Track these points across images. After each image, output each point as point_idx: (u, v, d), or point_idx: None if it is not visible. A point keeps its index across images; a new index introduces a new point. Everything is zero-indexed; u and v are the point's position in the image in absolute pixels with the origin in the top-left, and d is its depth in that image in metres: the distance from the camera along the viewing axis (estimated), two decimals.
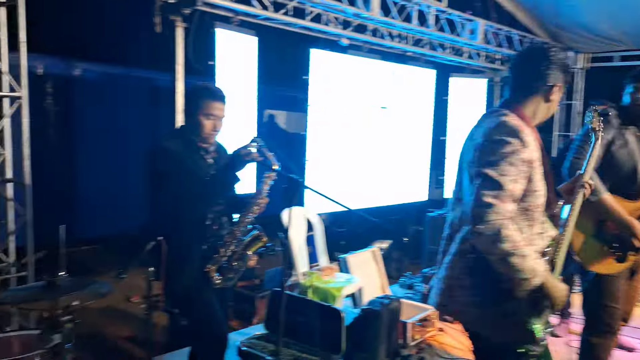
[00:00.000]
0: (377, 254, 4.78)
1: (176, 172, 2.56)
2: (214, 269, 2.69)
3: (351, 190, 5.71)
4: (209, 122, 2.64)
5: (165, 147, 2.65)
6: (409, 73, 6.34)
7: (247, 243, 2.79)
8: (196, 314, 2.68)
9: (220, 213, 2.79)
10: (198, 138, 2.69)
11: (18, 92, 3.70)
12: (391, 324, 3.64)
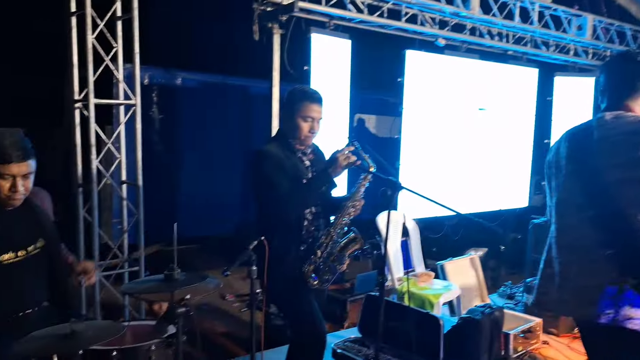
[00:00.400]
0: (476, 261, 4.63)
1: (275, 175, 2.60)
2: (311, 269, 2.72)
3: (446, 196, 5.55)
4: (306, 124, 2.67)
5: (265, 151, 2.70)
6: (510, 73, 6.08)
7: (343, 245, 2.80)
8: (296, 313, 2.71)
9: (318, 215, 2.81)
10: (295, 140, 2.72)
11: (132, 100, 3.96)
12: (492, 334, 3.51)
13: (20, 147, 2.11)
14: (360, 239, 2.80)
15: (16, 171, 2.10)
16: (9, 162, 2.08)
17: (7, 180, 2.12)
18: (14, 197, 2.15)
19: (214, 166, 6.60)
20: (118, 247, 4.10)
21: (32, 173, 2.18)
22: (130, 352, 2.07)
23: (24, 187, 2.16)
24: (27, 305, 2.26)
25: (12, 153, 2.08)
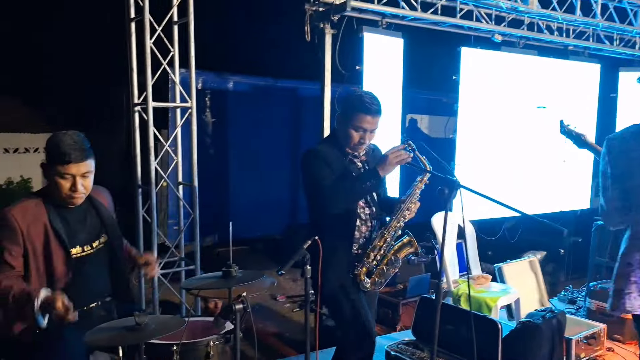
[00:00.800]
0: (536, 264, 4.48)
1: (321, 170, 2.61)
2: (363, 272, 2.70)
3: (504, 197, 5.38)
4: (356, 134, 2.64)
5: (314, 149, 2.71)
6: (570, 69, 5.86)
7: (397, 249, 2.75)
8: (346, 314, 2.68)
9: (372, 216, 2.79)
10: (346, 145, 2.72)
11: (188, 103, 4.06)
12: (554, 339, 3.39)
13: (79, 147, 2.18)
14: (414, 243, 2.76)
15: (75, 171, 2.18)
16: (69, 162, 2.16)
17: (68, 180, 2.19)
18: (74, 197, 2.23)
19: (264, 168, 6.67)
20: (175, 247, 4.21)
21: (91, 172, 2.26)
22: (190, 347, 2.11)
23: (84, 186, 2.23)
24: (92, 299, 2.34)
25: (71, 153, 2.15)
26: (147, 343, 1.95)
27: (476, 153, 5.29)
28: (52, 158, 2.19)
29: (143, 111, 3.88)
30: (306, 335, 2.51)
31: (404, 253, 2.76)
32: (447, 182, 2.38)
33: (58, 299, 1.98)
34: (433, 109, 7.79)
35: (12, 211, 2.16)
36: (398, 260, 2.73)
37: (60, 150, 2.16)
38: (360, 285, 2.68)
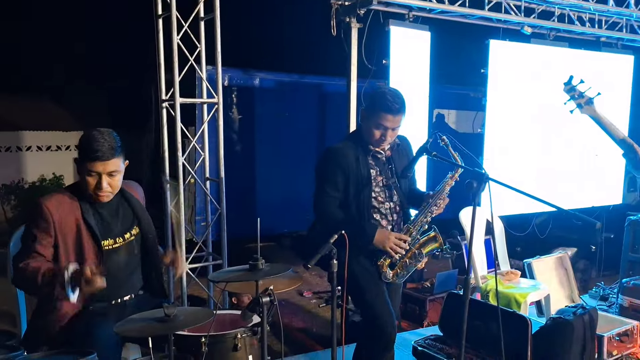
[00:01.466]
0: (566, 259, 4.40)
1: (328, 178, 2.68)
2: (387, 263, 2.69)
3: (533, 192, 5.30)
4: (377, 131, 2.66)
5: (333, 150, 2.74)
6: (602, 61, 5.71)
7: (422, 243, 2.74)
8: (367, 304, 2.71)
9: (392, 211, 2.78)
10: (368, 142, 2.73)
11: (215, 99, 4.09)
12: (585, 336, 3.33)
13: (109, 146, 2.19)
14: (439, 238, 2.75)
15: (101, 169, 2.20)
16: (95, 159, 2.17)
17: (94, 177, 2.22)
18: (99, 194, 2.24)
19: (290, 165, 6.69)
20: (202, 242, 4.26)
21: (119, 172, 2.26)
22: (218, 339, 2.14)
23: (110, 185, 2.24)
24: (125, 292, 2.38)
25: (98, 151, 2.17)
26: (176, 335, 1.97)
27: (505, 148, 5.21)
28: (82, 154, 2.22)
29: (170, 107, 3.93)
30: (332, 330, 2.51)
31: (429, 248, 2.76)
32: (476, 175, 2.35)
33: (86, 267, 1.99)
34: (461, 104, 7.71)
35: (46, 202, 2.20)
36: (422, 255, 2.72)
37: (89, 146, 2.18)
38: (382, 276, 2.71)
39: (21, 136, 8.43)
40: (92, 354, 1.84)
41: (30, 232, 2.19)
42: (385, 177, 2.75)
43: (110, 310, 2.29)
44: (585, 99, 3.13)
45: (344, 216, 2.67)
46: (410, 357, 3.73)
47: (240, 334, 2.16)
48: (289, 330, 4.51)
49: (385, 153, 2.78)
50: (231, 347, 2.15)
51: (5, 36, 7.89)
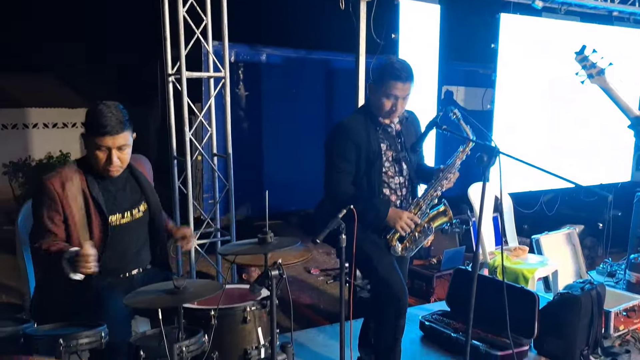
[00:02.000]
0: (574, 236, 4.39)
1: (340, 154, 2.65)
2: (396, 237, 2.69)
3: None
4: (388, 101, 2.63)
5: (344, 125, 2.71)
6: (614, 36, 5.61)
7: (432, 217, 2.74)
8: (377, 276, 2.70)
9: (401, 185, 2.76)
10: (378, 114, 2.70)
11: (222, 72, 4.06)
12: (593, 311, 3.34)
13: (117, 119, 2.16)
14: (449, 212, 2.74)
15: (111, 143, 2.17)
16: (104, 134, 2.15)
17: (103, 152, 2.20)
18: (110, 169, 2.23)
19: (298, 142, 6.65)
20: (210, 218, 4.27)
21: (128, 146, 2.24)
22: (228, 312, 2.14)
23: (120, 159, 2.23)
24: (134, 266, 2.38)
25: (107, 125, 2.14)
26: (186, 308, 1.98)
27: (514, 125, 5.16)
28: (89, 129, 2.20)
29: (177, 82, 3.90)
30: (340, 304, 2.52)
31: (438, 222, 2.75)
32: (486, 148, 2.33)
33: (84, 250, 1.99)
34: (470, 80, 7.62)
35: (50, 180, 2.20)
36: (431, 229, 2.72)
37: (97, 121, 2.16)
38: (392, 250, 2.71)
39: (27, 113, 8.43)
40: (102, 326, 1.86)
41: (39, 212, 2.19)
42: (394, 151, 2.73)
43: (119, 284, 2.30)
44: (597, 69, 3.09)
45: (355, 193, 2.65)
46: (417, 331, 3.76)
47: (249, 307, 2.17)
48: (297, 306, 4.55)
49: (395, 127, 2.76)
50: (240, 319, 2.16)
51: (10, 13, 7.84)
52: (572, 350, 3.30)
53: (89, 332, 1.78)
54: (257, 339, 2.19)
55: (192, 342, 1.82)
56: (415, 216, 2.65)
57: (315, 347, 3.56)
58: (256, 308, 2.20)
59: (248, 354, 2.16)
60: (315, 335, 3.76)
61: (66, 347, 1.71)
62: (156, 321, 2.32)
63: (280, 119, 6.50)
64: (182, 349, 1.77)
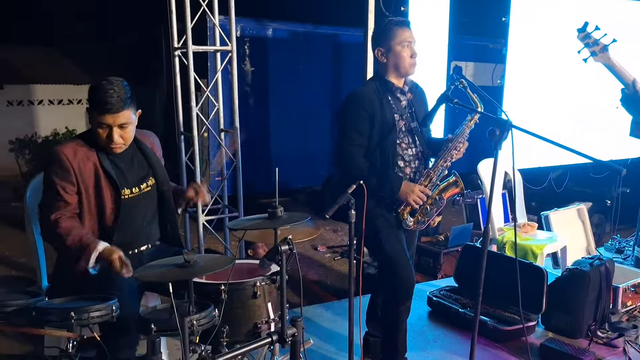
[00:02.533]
0: (583, 212, 4.37)
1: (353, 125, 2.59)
2: (407, 210, 2.67)
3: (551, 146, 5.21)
4: (406, 50, 2.61)
5: (356, 94, 2.66)
6: (631, 8, 5.48)
7: (443, 188, 2.71)
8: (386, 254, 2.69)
9: (415, 157, 2.72)
10: (402, 72, 2.65)
11: (228, 46, 4.01)
12: (601, 287, 3.33)
13: (118, 97, 2.12)
14: (460, 183, 2.71)
15: (111, 121, 2.14)
16: (104, 112, 2.12)
17: (104, 129, 2.17)
18: (111, 146, 2.20)
19: (305, 118, 6.61)
20: (218, 195, 4.26)
21: (131, 124, 2.20)
22: (238, 286, 2.15)
23: (122, 137, 2.19)
24: (143, 242, 2.38)
25: (107, 103, 2.11)
26: (196, 283, 1.99)
27: (525, 100, 5.09)
28: (91, 105, 2.17)
29: (183, 56, 3.86)
30: (349, 279, 2.53)
31: (450, 193, 2.72)
32: (498, 122, 2.29)
33: (115, 256, 2.02)
34: (479, 56, 7.51)
35: (63, 149, 2.17)
36: (442, 200, 2.69)
37: (98, 98, 2.13)
38: (403, 223, 2.68)
39: (32, 90, 8.39)
40: (112, 300, 1.86)
41: (51, 182, 2.17)
42: (407, 121, 2.69)
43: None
44: (600, 47, 3.01)
45: (369, 166, 2.61)
46: (425, 307, 3.78)
47: (259, 282, 2.17)
48: (304, 283, 4.54)
49: (406, 95, 2.72)
50: (250, 294, 2.17)
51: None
52: (580, 325, 3.31)
53: (100, 306, 1.78)
54: (267, 313, 2.20)
55: (203, 315, 1.83)
56: (426, 189, 2.62)
57: (323, 323, 3.59)
58: (266, 283, 2.20)
59: (258, 328, 2.17)
60: (323, 311, 3.78)
61: (78, 319, 1.72)
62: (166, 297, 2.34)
63: (287, 94, 6.45)
64: (193, 322, 1.78)
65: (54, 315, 1.75)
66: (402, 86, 2.71)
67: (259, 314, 2.19)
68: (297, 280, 2.03)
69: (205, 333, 2.00)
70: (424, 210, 2.66)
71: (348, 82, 6.32)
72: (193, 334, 1.81)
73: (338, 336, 3.36)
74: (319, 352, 3.15)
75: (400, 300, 2.71)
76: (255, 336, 2.15)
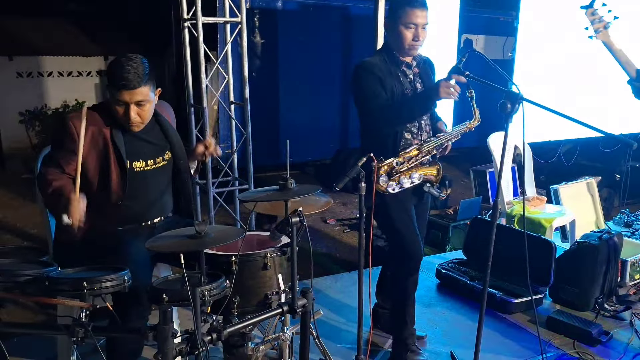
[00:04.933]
0: (593, 186, 4.35)
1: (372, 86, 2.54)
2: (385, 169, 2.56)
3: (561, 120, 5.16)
4: (409, 31, 2.54)
5: (365, 63, 2.62)
6: None
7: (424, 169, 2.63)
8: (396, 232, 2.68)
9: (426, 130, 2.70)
10: (400, 52, 2.61)
11: (238, 18, 3.97)
12: (609, 260, 3.34)
13: (135, 73, 2.09)
14: (439, 176, 2.66)
15: (128, 98, 2.11)
16: (120, 88, 2.09)
17: (121, 106, 2.14)
18: (129, 124, 2.18)
19: (314, 92, 6.57)
20: (228, 167, 4.27)
21: (148, 101, 2.17)
22: (249, 258, 2.17)
23: (139, 115, 2.17)
24: (156, 214, 2.39)
25: (122, 80, 2.08)
26: (206, 254, 2.00)
27: (536, 74, 5.02)
28: (109, 81, 2.15)
29: (193, 27, 3.83)
30: (359, 251, 2.55)
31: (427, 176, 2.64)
32: (510, 95, 2.27)
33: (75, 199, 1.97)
34: (490, 29, 7.40)
35: (73, 119, 2.16)
36: (421, 177, 2.61)
37: (115, 74, 2.10)
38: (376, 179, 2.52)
39: (42, 61, 8.37)
40: (124, 270, 1.89)
41: (55, 147, 2.19)
42: (410, 94, 2.66)
43: (140, 232, 2.32)
44: (603, 24, 2.95)
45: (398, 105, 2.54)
46: (433, 279, 3.81)
47: (269, 254, 2.19)
48: (313, 255, 4.61)
49: (413, 69, 2.69)
50: (261, 265, 2.19)
51: None
52: (587, 298, 3.33)
53: (112, 276, 1.80)
54: (278, 284, 2.22)
55: (214, 286, 1.84)
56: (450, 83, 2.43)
57: (333, 294, 3.63)
58: (276, 255, 2.21)
59: (268, 298, 2.19)
60: (332, 282, 3.82)
61: (90, 289, 1.73)
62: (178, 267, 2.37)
63: (296, 67, 6.40)
64: (205, 293, 1.80)
65: (67, 285, 1.76)
66: (410, 61, 2.68)
67: (270, 285, 2.21)
68: (306, 252, 2.04)
69: (217, 304, 2.02)
70: (399, 177, 2.57)
71: (358, 55, 6.23)
72: (205, 305, 1.83)
73: (347, 308, 3.40)
74: (328, 323, 3.20)
75: (408, 273, 2.72)
76: (265, 307, 2.17)
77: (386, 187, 2.55)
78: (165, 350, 1.68)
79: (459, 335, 3.11)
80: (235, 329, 1.93)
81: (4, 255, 1.98)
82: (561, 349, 2.95)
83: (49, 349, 2.71)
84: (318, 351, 2.45)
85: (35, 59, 8.31)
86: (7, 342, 1.84)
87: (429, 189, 2.68)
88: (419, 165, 2.60)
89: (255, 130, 4.41)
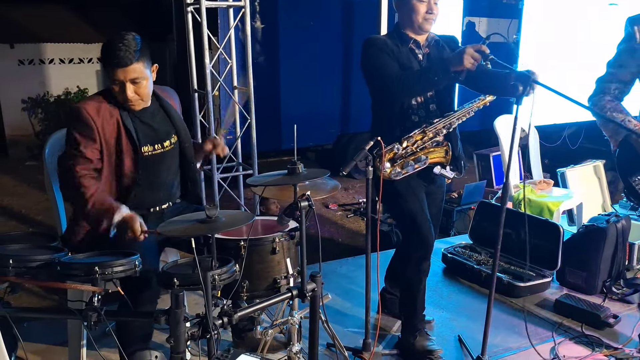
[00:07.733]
0: (600, 169, 4.33)
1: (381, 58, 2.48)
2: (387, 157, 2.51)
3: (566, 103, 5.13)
4: (422, 5, 2.48)
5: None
6: None
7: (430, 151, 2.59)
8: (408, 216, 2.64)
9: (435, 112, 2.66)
10: (413, 28, 2.55)
11: (241, 2, 3.93)
12: (617, 243, 3.33)
13: (127, 50, 2.06)
14: (449, 156, 2.61)
15: (122, 76, 2.09)
16: (114, 66, 2.07)
17: (117, 85, 2.12)
18: (128, 103, 2.16)
19: (315, 77, 6.53)
20: (232, 152, 4.26)
21: (144, 78, 2.14)
22: (257, 242, 2.16)
23: (137, 93, 2.14)
24: (164, 200, 2.39)
25: (115, 57, 2.05)
26: (215, 238, 2.00)
27: (541, 56, 4.99)
28: (103, 60, 2.12)
29: (196, 12, 3.79)
30: (367, 234, 2.55)
31: (434, 159, 2.58)
32: (521, 77, 2.24)
33: (135, 223, 2.04)
34: (492, 11, 7.31)
35: (86, 107, 2.15)
36: (426, 161, 2.54)
37: (107, 53, 2.07)
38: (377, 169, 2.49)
39: (43, 49, 8.33)
40: (135, 255, 1.88)
41: (73, 138, 2.15)
42: None
43: (149, 217, 2.31)
44: None
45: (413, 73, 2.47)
46: (439, 263, 3.80)
47: (278, 238, 2.18)
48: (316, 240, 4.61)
49: (423, 49, 2.64)
50: (269, 250, 2.18)
51: None
52: (595, 281, 3.33)
53: (123, 261, 1.80)
54: (286, 268, 2.22)
55: (224, 270, 1.84)
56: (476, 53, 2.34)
57: (339, 279, 3.63)
58: (285, 239, 2.21)
59: (277, 283, 2.19)
60: (337, 267, 3.83)
61: (101, 274, 1.74)
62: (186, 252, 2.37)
63: (297, 52, 6.36)
64: (215, 277, 1.80)
65: (78, 270, 1.76)
66: (422, 41, 2.63)
67: (278, 270, 2.21)
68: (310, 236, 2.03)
69: (226, 288, 2.02)
70: (404, 163, 2.53)
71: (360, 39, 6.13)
72: (215, 289, 1.83)
73: (353, 292, 3.40)
74: (335, 307, 3.20)
75: (418, 260, 2.67)
76: (274, 291, 2.18)
77: (390, 173, 2.52)
78: (177, 334, 1.69)
79: (466, 319, 3.11)
80: (246, 313, 1.93)
81: (15, 241, 1.98)
82: (569, 333, 2.95)
83: (58, 333, 2.73)
84: (326, 335, 2.45)
85: (37, 47, 8.28)
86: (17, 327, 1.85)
87: (440, 171, 2.63)
88: (425, 148, 2.56)
89: (256, 116, 4.39)
